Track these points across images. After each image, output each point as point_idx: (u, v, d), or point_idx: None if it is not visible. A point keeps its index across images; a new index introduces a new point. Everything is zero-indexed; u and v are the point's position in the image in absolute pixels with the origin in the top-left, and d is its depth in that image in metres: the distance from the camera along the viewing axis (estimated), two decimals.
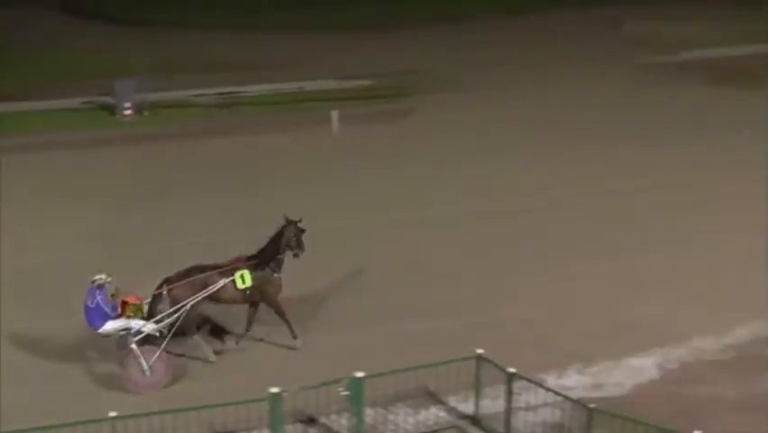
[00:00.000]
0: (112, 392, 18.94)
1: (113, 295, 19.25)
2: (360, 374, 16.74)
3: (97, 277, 18.93)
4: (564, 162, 32.58)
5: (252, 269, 20.14)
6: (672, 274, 24.18)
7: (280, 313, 20.46)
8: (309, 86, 43.65)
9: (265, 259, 20.27)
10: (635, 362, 20.21)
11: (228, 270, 20.07)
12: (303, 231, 20.47)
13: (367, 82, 44.22)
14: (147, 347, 19.14)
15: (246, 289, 20.10)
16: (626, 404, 18.39)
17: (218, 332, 21.22)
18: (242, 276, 20.03)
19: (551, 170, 31.90)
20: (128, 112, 39.57)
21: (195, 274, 19.83)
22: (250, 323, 20.67)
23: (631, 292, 23.20)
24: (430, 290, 23.12)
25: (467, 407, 18.35)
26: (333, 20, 59.45)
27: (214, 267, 20.07)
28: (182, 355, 20.01)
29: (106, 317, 18.92)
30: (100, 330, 18.99)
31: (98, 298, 18.82)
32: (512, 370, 17.16)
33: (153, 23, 59.06)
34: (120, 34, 56.04)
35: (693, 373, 20.00)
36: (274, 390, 16.30)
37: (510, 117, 38.79)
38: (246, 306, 20.61)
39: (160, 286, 19.73)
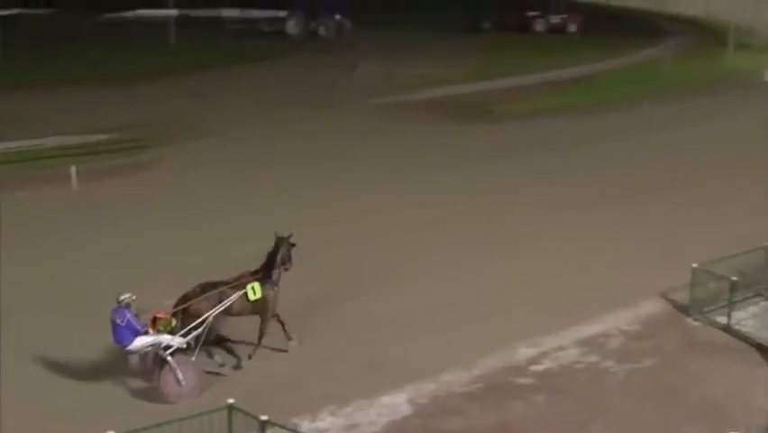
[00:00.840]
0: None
1: (136, 315, 20.13)
2: None
3: (125, 296, 19.98)
4: (309, 203, 32.59)
5: (262, 282, 21.60)
6: (420, 310, 24.49)
7: (265, 327, 21.87)
8: (49, 142, 42.50)
9: (267, 273, 21.76)
10: (387, 399, 20.33)
11: (239, 284, 21.45)
12: (293, 245, 22.11)
13: (108, 135, 43.40)
14: (179, 359, 20.25)
15: (256, 300, 21.46)
16: None
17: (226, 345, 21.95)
18: (253, 288, 21.47)
19: (297, 210, 31.81)
20: None
21: (209, 290, 21.13)
22: (261, 336, 21.93)
23: (382, 330, 23.39)
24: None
25: None
26: (71, 74, 58.23)
27: (223, 283, 21.39)
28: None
29: (136, 334, 19.97)
30: (130, 347, 20.07)
31: (128, 316, 19.89)
32: (264, 417, 17.04)
33: None
34: None
35: (444, 406, 20.27)
36: None
37: (254, 160, 38.97)
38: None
39: (179, 303, 20.93)
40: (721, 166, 39.01)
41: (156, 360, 20.38)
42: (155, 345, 20.19)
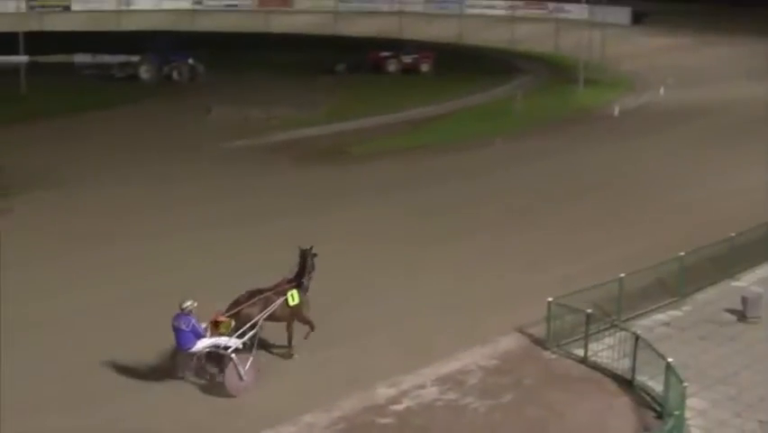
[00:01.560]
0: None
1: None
2: None
3: (188, 303, 21.97)
4: (162, 249, 32.23)
5: (299, 289, 23.79)
6: (279, 352, 24.39)
7: (309, 324, 24.26)
8: None
9: (300, 282, 23.94)
10: None
11: (280, 290, 23.59)
12: (315, 255, 24.32)
13: None
14: (240, 357, 22.30)
15: (295, 305, 23.57)
16: None
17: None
18: (292, 295, 23.62)
19: (149, 258, 31.45)
20: None
21: (256, 296, 23.23)
22: (290, 338, 24.18)
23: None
24: (57, 387, 22.40)
25: None
26: None
27: (267, 289, 23.55)
28: None
29: (199, 337, 22.04)
30: (193, 349, 22.12)
31: (193, 321, 21.93)
32: None
33: None
34: None
35: None
36: None
37: (106, 208, 38.23)
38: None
39: (230, 307, 22.92)
40: (571, 199, 39.72)
41: (212, 359, 22.50)
42: (214, 346, 22.24)
